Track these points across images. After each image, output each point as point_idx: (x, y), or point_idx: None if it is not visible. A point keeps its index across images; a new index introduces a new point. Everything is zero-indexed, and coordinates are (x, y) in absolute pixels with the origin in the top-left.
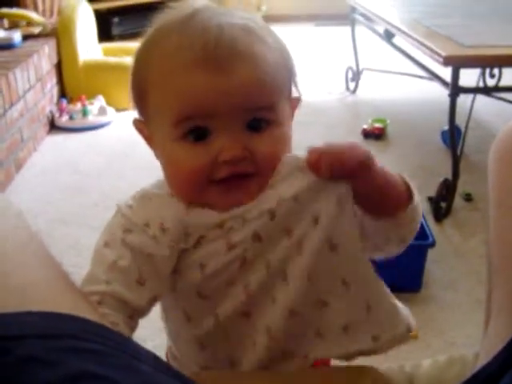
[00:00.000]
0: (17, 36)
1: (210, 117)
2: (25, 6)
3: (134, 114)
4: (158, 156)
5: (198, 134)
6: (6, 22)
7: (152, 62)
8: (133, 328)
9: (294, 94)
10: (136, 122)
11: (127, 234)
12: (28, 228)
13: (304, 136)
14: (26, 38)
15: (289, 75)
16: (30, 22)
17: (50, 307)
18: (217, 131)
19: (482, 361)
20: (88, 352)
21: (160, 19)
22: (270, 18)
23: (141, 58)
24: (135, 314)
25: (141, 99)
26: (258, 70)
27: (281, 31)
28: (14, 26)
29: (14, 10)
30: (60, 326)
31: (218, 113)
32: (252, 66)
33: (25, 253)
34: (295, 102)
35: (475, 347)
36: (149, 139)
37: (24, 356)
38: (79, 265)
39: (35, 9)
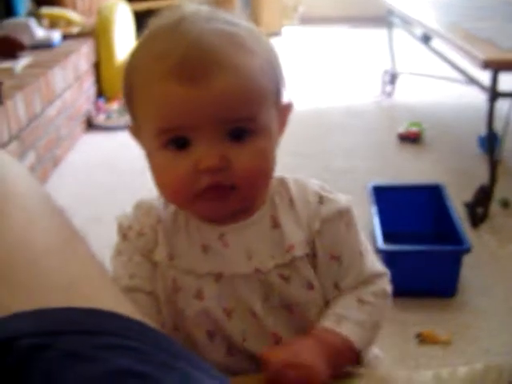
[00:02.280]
0: (56, 35)
1: (188, 128)
2: (64, 6)
3: None
4: (146, 158)
5: (178, 144)
6: (46, 22)
7: (135, 70)
8: (163, 324)
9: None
10: (130, 129)
11: (125, 237)
12: (71, 225)
13: (341, 138)
14: (65, 37)
15: (275, 82)
16: (70, 22)
17: (92, 304)
18: (197, 140)
19: None
20: (128, 349)
21: (152, 24)
22: (306, 20)
23: (128, 63)
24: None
25: (129, 104)
26: (236, 80)
27: (317, 33)
28: (53, 25)
29: (54, 10)
30: (101, 322)
31: (196, 124)
32: (230, 76)
33: (68, 250)
34: (286, 109)
35: (510, 355)
36: (139, 142)
37: (65, 351)
38: None
39: (74, 9)
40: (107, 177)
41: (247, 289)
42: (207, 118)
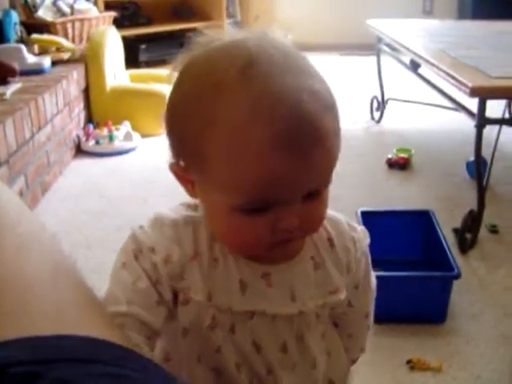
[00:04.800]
0: (46, 61)
1: (277, 200)
2: (55, 32)
3: (158, 140)
4: (203, 205)
5: (258, 211)
6: (36, 48)
7: (213, 127)
8: (152, 349)
9: None
10: (174, 168)
11: (138, 256)
12: (62, 251)
13: None
14: (55, 63)
15: None
16: (60, 48)
17: (82, 331)
18: (276, 204)
19: None
20: (120, 377)
21: (203, 54)
22: (295, 47)
23: (191, 108)
24: (154, 335)
25: (191, 157)
26: (328, 150)
27: None
28: (44, 51)
29: (45, 36)
30: (93, 351)
31: (287, 196)
32: (324, 146)
33: (59, 277)
34: None
35: (501, 382)
36: (187, 183)
37: (57, 379)
38: (103, 289)
39: (65, 35)
40: (96, 202)
41: (286, 328)
42: (298, 190)
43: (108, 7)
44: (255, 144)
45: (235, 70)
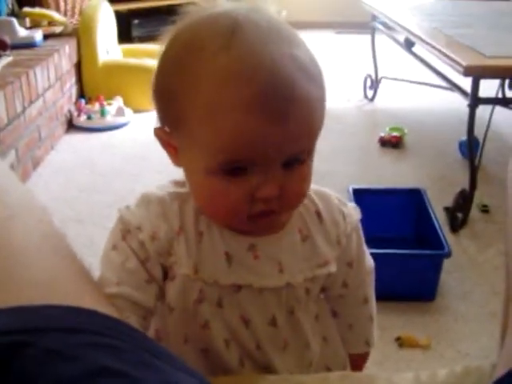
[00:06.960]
0: (38, 35)
1: (254, 161)
2: (47, 6)
3: (151, 116)
4: (185, 171)
5: (235, 172)
6: (27, 21)
7: (196, 87)
8: (146, 329)
9: None
10: (158, 133)
11: (126, 236)
12: (51, 222)
13: (322, 143)
14: (47, 37)
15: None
16: (52, 22)
17: (72, 302)
18: (254, 169)
19: (500, 372)
20: (108, 348)
21: (192, 22)
22: (290, 24)
23: (177, 70)
24: (148, 314)
25: (174, 120)
26: (308, 115)
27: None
28: (35, 25)
29: (36, 10)
30: (81, 320)
31: (264, 158)
32: (304, 111)
33: (48, 246)
34: None
35: (489, 359)
36: (171, 149)
37: (46, 349)
38: (93, 264)
39: (57, 8)
40: (87, 177)
41: (275, 301)
42: (276, 153)
43: None
44: (231, 103)
45: (219, 37)
